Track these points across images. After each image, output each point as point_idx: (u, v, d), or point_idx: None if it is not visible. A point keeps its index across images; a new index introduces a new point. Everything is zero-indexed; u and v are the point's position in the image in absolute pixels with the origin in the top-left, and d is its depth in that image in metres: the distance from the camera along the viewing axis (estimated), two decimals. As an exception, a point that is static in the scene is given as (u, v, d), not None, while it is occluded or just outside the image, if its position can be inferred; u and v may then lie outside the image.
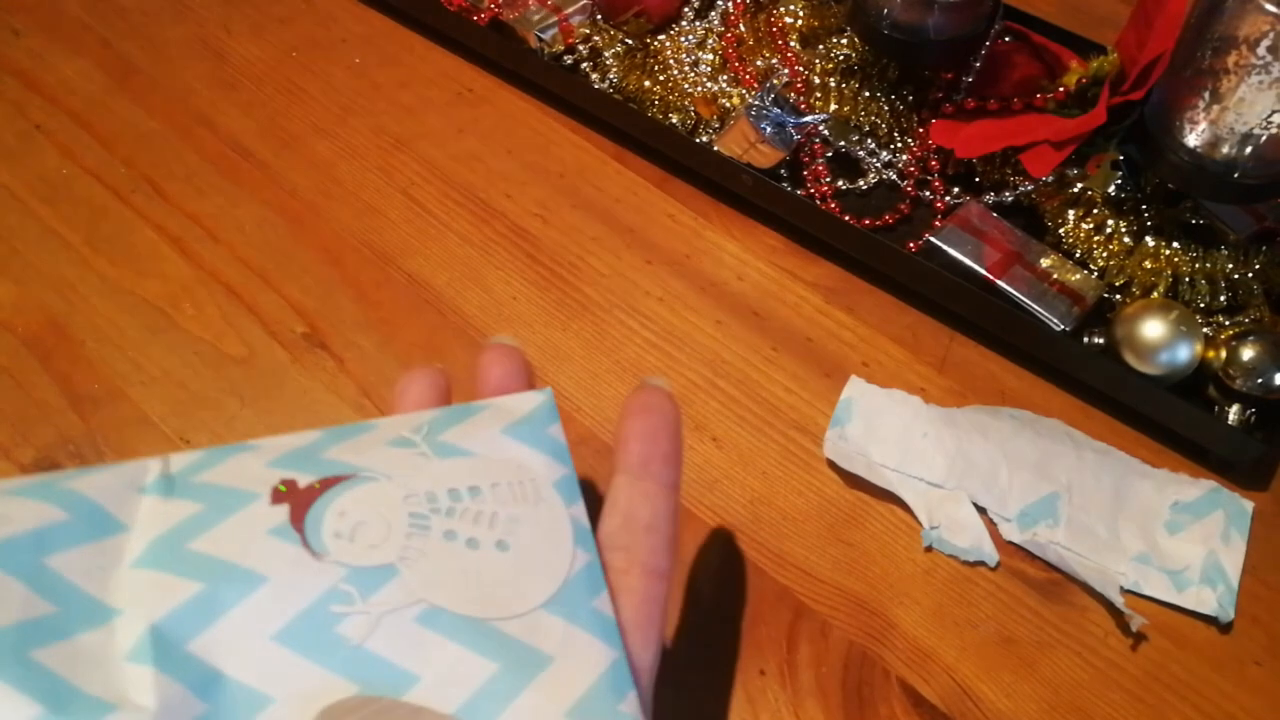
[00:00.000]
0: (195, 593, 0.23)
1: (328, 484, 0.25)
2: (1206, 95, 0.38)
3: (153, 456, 0.26)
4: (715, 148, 0.46)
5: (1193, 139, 0.39)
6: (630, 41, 0.50)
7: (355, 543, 0.24)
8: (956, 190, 0.46)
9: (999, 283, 0.41)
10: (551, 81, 0.51)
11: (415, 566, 0.24)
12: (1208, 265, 0.42)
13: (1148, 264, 0.42)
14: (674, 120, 0.48)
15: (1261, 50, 0.36)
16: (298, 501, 0.25)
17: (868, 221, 0.45)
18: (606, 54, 0.50)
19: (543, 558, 0.25)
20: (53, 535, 0.24)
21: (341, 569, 0.24)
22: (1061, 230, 0.44)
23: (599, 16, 0.51)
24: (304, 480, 0.25)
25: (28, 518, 0.24)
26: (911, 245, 0.44)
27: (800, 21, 0.50)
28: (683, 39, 0.50)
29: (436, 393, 0.29)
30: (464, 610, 0.24)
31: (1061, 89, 0.44)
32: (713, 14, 0.51)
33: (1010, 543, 0.37)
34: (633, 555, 0.27)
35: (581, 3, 0.51)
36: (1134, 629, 0.35)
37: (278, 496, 0.25)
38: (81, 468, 0.26)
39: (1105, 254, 0.43)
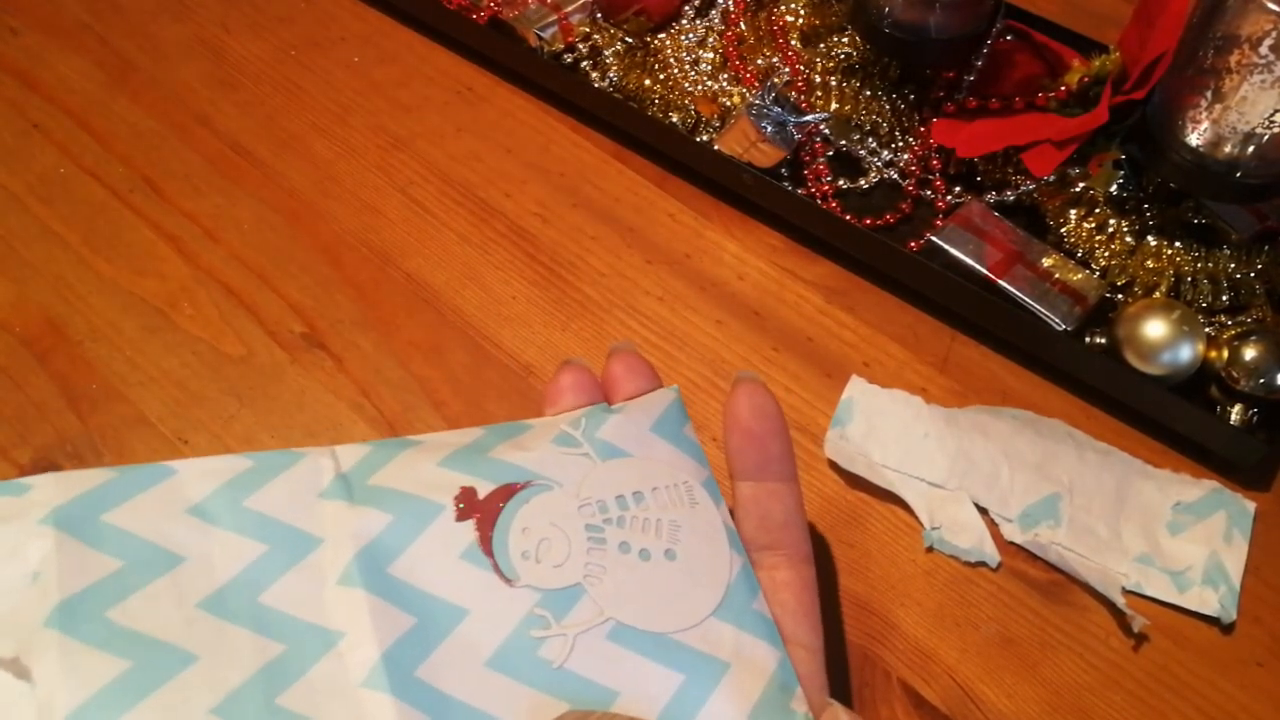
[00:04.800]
0: (412, 625, 0.24)
1: (505, 494, 0.26)
2: (1209, 94, 0.38)
3: (314, 450, 0.27)
4: (716, 147, 0.46)
5: (1195, 138, 0.39)
6: (630, 40, 0.50)
7: (542, 564, 0.26)
8: (958, 189, 0.46)
9: (1000, 282, 0.41)
10: (551, 80, 0.50)
11: (598, 584, 0.26)
12: (1210, 265, 0.41)
13: (1150, 264, 0.42)
14: (674, 119, 0.48)
15: (1264, 49, 0.35)
16: (482, 518, 0.26)
17: (869, 221, 0.45)
18: (606, 52, 0.50)
19: (705, 564, 0.27)
20: (260, 570, 0.25)
21: (534, 594, 0.25)
22: (1063, 230, 0.44)
23: (599, 15, 0.51)
24: (482, 489, 0.26)
25: (232, 559, 0.25)
26: (913, 245, 0.44)
27: (801, 20, 0.50)
28: (683, 37, 0.50)
29: (590, 395, 0.30)
30: (646, 625, 0.25)
31: (1063, 88, 0.44)
32: (713, 12, 0.51)
33: (1012, 543, 0.37)
34: (779, 551, 0.28)
35: (581, 1, 0.51)
36: (1136, 630, 0.35)
37: (461, 511, 0.26)
38: (254, 460, 0.26)
39: (1107, 253, 0.43)
